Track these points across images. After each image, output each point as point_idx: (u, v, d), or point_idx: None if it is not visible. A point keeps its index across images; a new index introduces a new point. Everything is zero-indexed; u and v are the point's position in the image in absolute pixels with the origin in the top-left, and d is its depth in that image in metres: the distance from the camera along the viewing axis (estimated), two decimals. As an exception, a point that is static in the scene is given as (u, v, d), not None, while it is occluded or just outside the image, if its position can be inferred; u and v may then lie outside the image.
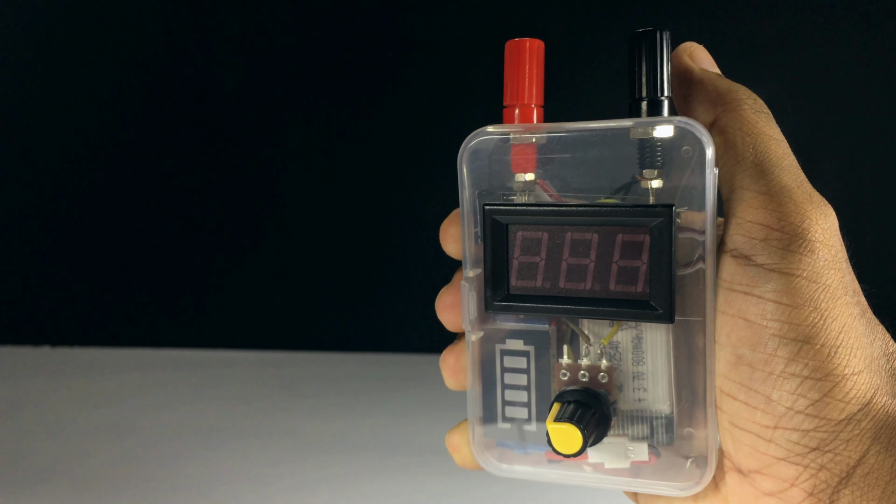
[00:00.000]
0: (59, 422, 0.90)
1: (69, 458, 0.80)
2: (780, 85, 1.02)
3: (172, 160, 1.21)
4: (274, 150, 1.19)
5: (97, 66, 1.21)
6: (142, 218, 1.22)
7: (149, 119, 1.21)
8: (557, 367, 0.31)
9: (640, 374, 0.30)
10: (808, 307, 0.26)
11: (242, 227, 1.21)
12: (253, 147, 1.20)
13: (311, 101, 1.17)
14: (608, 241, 0.28)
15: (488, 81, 0.38)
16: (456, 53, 1.13)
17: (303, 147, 1.19)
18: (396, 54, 1.16)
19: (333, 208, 1.19)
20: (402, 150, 1.16)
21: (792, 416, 0.26)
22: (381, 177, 1.17)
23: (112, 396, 0.99)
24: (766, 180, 0.27)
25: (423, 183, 1.13)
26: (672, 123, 0.28)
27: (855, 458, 0.26)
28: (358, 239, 1.19)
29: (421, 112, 1.14)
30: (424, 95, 1.14)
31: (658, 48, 0.28)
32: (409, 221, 1.16)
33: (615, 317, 0.28)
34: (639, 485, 0.30)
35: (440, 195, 0.65)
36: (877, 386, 0.26)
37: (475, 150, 0.31)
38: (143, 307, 1.24)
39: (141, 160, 1.22)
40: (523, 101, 0.31)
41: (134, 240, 1.23)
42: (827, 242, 0.27)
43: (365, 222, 1.18)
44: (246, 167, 1.20)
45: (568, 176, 0.31)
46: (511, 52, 0.31)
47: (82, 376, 1.10)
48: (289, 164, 1.20)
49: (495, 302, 0.30)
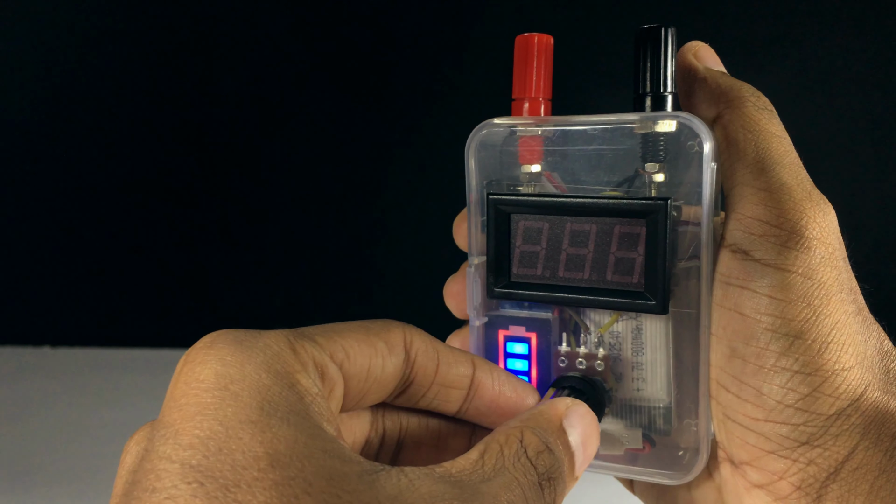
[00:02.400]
0: (59, 422, 0.91)
1: (69, 458, 0.80)
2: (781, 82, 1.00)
3: (172, 160, 1.22)
4: (274, 149, 1.19)
5: (97, 66, 1.21)
6: (142, 218, 1.23)
7: (149, 119, 1.21)
8: (556, 354, 0.31)
9: (640, 364, 0.31)
10: (801, 303, 0.26)
11: (242, 227, 1.21)
12: (253, 147, 1.20)
13: (311, 99, 1.17)
14: (606, 232, 0.29)
15: (499, 75, 0.39)
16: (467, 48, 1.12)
17: (304, 146, 1.19)
18: (409, 49, 1.15)
19: (334, 208, 1.19)
20: (403, 149, 1.15)
21: (782, 410, 0.26)
22: (380, 176, 1.16)
23: (112, 396, 0.99)
24: (766, 177, 0.28)
25: (424, 183, 1.13)
26: (673, 118, 0.29)
27: (844, 454, 0.26)
28: (358, 239, 1.18)
29: (430, 107, 1.14)
30: (435, 90, 1.14)
31: (663, 44, 0.29)
32: (409, 221, 1.15)
33: (611, 306, 0.29)
34: (632, 471, 0.31)
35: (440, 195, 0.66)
36: (868, 382, 0.27)
37: (483, 141, 0.32)
38: (143, 307, 1.24)
39: (141, 160, 1.22)
40: (531, 95, 0.31)
41: (134, 240, 1.23)
42: (824, 240, 0.27)
43: (365, 222, 1.18)
44: (246, 167, 1.20)
45: (574, 168, 0.31)
46: (521, 46, 0.31)
47: (82, 376, 1.10)
48: (289, 164, 1.19)
49: (497, 289, 0.31)
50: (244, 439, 0.18)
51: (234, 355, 0.20)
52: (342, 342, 0.23)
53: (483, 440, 0.23)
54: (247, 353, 0.20)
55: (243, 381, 0.19)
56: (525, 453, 0.23)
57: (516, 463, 0.22)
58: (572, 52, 1.02)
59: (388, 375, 0.24)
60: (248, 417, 0.19)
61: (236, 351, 0.20)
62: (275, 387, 0.20)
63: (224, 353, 0.20)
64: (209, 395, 0.19)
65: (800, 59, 1.02)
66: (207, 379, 0.20)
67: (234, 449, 0.18)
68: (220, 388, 0.19)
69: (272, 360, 0.20)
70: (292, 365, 0.21)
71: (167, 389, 0.21)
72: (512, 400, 0.27)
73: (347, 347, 0.23)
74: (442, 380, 0.26)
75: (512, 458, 0.22)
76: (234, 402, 0.19)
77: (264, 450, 0.18)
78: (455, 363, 0.26)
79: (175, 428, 0.19)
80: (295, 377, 0.20)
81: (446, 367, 0.26)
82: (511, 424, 0.24)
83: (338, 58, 1.16)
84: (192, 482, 0.17)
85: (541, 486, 0.22)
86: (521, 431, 0.23)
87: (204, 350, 0.21)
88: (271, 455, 0.18)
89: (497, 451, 0.22)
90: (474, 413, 0.27)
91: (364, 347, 0.23)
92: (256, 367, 0.20)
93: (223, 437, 0.18)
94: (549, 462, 0.23)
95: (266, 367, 0.20)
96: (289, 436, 0.18)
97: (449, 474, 0.21)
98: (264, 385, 0.20)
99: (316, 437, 0.19)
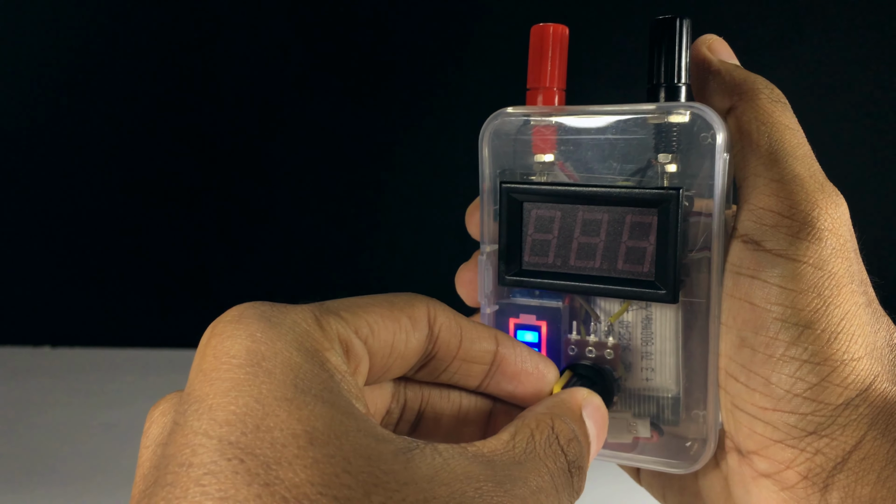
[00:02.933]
0: (59, 422, 0.90)
1: (70, 458, 0.80)
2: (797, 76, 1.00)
3: (172, 160, 1.21)
4: (275, 147, 1.19)
5: (96, 66, 1.21)
6: (142, 218, 1.22)
7: (149, 119, 1.21)
8: (566, 342, 0.32)
9: (649, 354, 0.31)
10: (812, 293, 0.27)
11: (243, 227, 1.21)
12: (253, 146, 1.19)
13: (316, 90, 1.17)
14: (618, 221, 0.29)
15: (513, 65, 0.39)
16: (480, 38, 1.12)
17: (304, 146, 1.18)
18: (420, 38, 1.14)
19: (334, 208, 1.18)
20: (403, 148, 1.15)
21: (790, 400, 0.27)
22: (390, 167, 1.16)
23: (112, 396, 0.99)
24: (778, 168, 0.28)
25: (435, 173, 1.12)
26: (687, 109, 0.29)
27: (851, 444, 0.26)
28: (358, 238, 1.18)
29: (443, 97, 1.13)
30: (448, 80, 1.13)
31: (678, 35, 0.29)
32: (409, 221, 1.15)
33: (621, 295, 0.29)
34: (639, 460, 0.31)
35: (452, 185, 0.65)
36: (877, 373, 0.27)
37: (497, 130, 0.32)
38: (143, 307, 1.23)
39: (141, 160, 1.22)
40: (545, 84, 0.32)
41: (134, 240, 1.23)
42: (835, 231, 0.27)
43: (365, 222, 1.18)
44: (246, 166, 1.20)
45: (587, 158, 0.32)
46: (536, 36, 0.32)
47: (82, 376, 1.09)
48: (289, 164, 1.19)
49: (508, 276, 0.31)
50: (281, 416, 0.18)
51: (263, 332, 0.20)
52: (366, 317, 0.23)
53: (513, 423, 0.23)
54: (276, 330, 0.20)
55: (275, 358, 0.19)
56: (557, 440, 0.23)
57: (547, 449, 0.22)
58: (587, 42, 1.02)
59: (411, 350, 0.24)
60: (283, 395, 0.19)
61: (266, 327, 0.20)
62: (306, 364, 0.20)
63: (253, 329, 0.20)
64: (242, 371, 0.19)
65: (809, 56, 1.01)
66: (239, 354, 0.20)
67: (272, 426, 0.18)
68: (252, 364, 0.19)
69: (302, 338, 0.20)
70: (321, 342, 0.21)
71: (193, 360, 0.21)
72: (533, 376, 0.27)
73: (372, 323, 0.23)
74: (465, 355, 0.26)
75: (543, 443, 0.22)
76: (269, 378, 0.19)
77: (302, 427, 0.18)
78: (478, 339, 0.26)
79: (209, 402, 0.19)
80: (324, 355, 0.20)
81: (469, 342, 0.26)
82: (539, 410, 0.24)
83: (343, 46, 1.16)
84: (231, 458, 0.17)
85: (570, 473, 0.23)
86: (551, 419, 0.24)
87: (233, 324, 0.21)
88: (310, 433, 0.18)
89: (528, 435, 0.22)
90: (495, 388, 0.27)
91: (388, 322, 0.23)
92: (287, 345, 0.20)
93: (260, 413, 0.18)
94: (578, 451, 0.23)
95: (297, 344, 0.20)
96: (325, 413, 0.19)
97: (481, 454, 0.21)
98: (296, 363, 0.20)
99: (350, 415, 0.19)
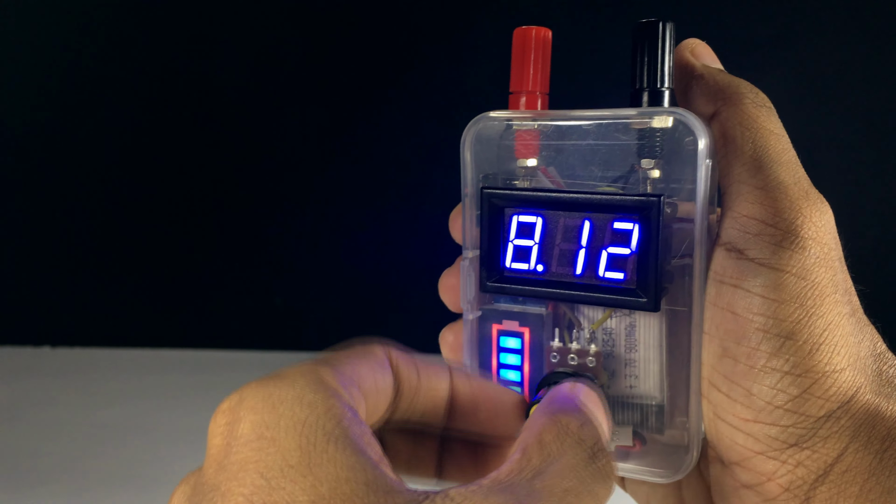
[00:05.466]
0: (59, 422, 0.90)
1: (69, 458, 0.80)
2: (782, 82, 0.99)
3: (172, 160, 1.21)
4: (273, 149, 1.19)
5: (97, 66, 1.21)
6: (142, 218, 1.22)
7: (149, 119, 1.21)
8: (548, 349, 0.31)
9: (632, 362, 0.31)
10: (794, 303, 0.26)
11: (242, 227, 1.21)
12: (252, 146, 1.19)
13: (309, 101, 1.16)
14: (599, 228, 0.29)
15: (497, 69, 0.38)
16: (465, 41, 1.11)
17: (302, 146, 1.18)
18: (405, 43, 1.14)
19: (334, 208, 1.18)
20: (404, 147, 1.15)
21: (771, 411, 0.26)
22: (380, 176, 1.16)
23: (112, 396, 0.99)
24: (762, 175, 0.27)
25: (423, 182, 1.12)
26: (670, 114, 0.28)
27: (833, 456, 0.26)
28: (358, 238, 1.18)
29: (427, 104, 1.13)
30: (432, 87, 1.12)
31: (661, 39, 0.29)
32: (408, 221, 1.15)
33: (602, 303, 0.29)
34: (623, 469, 0.31)
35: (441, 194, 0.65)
36: (859, 384, 0.26)
37: (480, 134, 0.32)
38: (143, 307, 1.24)
39: (141, 160, 1.22)
40: (528, 88, 0.31)
41: (134, 240, 1.23)
42: (820, 240, 0.27)
43: (365, 222, 1.17)
44: (245, 166, 1.20)
45: (570, 163, 0.31)
46: (518, 39, 0.31)
47: (82, 376, 1.10)
48: (288, 163, 1.19)
49: (489, 283, 0.31)
50: (287, 489, 0.18)
51: (265, 400, 0.20)
52: (351, 365, 0.23)
53: (516, 442, 0.23)
54: (277, 394, 0.20)
55: (278, 422, 0.19)
56: (568, 432, 0.22)
57: (563, 445, 0.22)
58: (570, 46, 1.01)
59: (386, 391, 0.24)
60: (287, 462, 0.19)
61: (266, 396, 0.20)
62: (311, 417, 0.20)
63: (255, 402, 0.20)
64: (247, 448, 0.19)
65: (799, 60, 1.00)
66: (245, 433, 0.20)
67: (279, 501, 0.18)
68: (257, 437, 0.19)
69: (302, 393, 0.20)
70: (323, 392, 0.20)
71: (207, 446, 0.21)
72: (492, 398, 0.27)
73: (357, 368, 0.23)
74: (424, 387, 0.26)
75: (556, 441, 0.22)
76: (273, 448, 0.19)
77: (310, 497, 0.18)
78: (433, 370, 0.26)
79: (221, 489, 0.19)
80: (329, 402, 0.20)
81: (426, 377, 0.26)
82: (536, 417, 0.23)
83: (332, 55, 1.16)
84: None
85: (594, 458, 0.22)
86: (552, 417, 0.23)
87: (236, 406, 0.20)
88: (317, 501, 0.18)
89: (537, 443, 0.22)
90: (460, 421, 0.27)
91: (364, 365, 0.23)
92: (289, 404, 0.20)
93: (266, 490, 0.18)
94: (593, 433, 0.23)
95: (299, 400, 0.20)
96: (330, 474, 0.19)
97: (498, 482, 0.20)
98: (300, 419, 0.20)
99: (357, 468, 0.19)
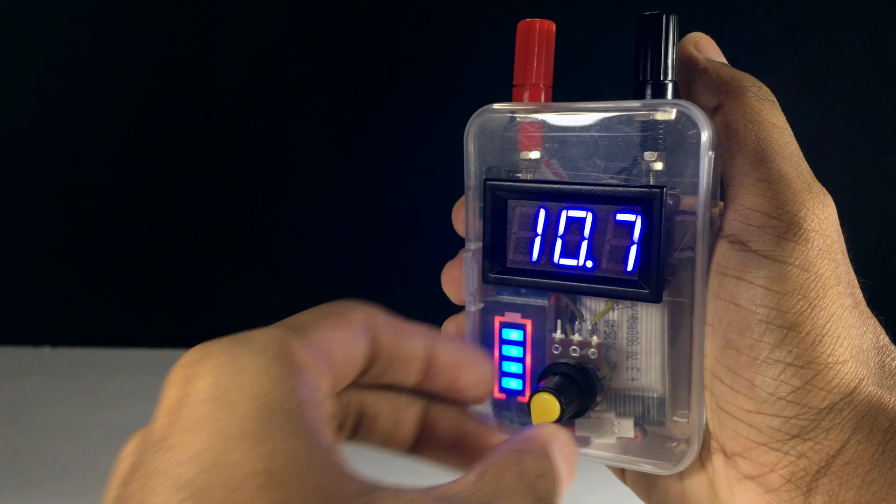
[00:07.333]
0: (59, 422, 0.90)
1: (70, 458, 0.80)
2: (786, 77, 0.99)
3: (173, 160, 1.21)
4: (273, 148, 1.19)
5: (97, 66, 1.21)
6: (142, 218, 1.23)
7: (149, 119, 1.21)
8: (550, 341, 0.31)
9: (634, 354, 0.31)
10: (797, 295, 0.26)
11: (242, 227, 1.21)
12: (252, 145, 1.19)
13: (310, 98, 1.16)
14: (602, 220, 0.29)
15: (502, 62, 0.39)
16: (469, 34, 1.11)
17: (302, 146, 1.18)
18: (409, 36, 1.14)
19: (334, 207, 1.18)
20: (403, 147, 1.15)
21: (774, 402, 0.26)
22: (382, 169, 1.16)
23: (112, 396, 0.98)
24: (765, 168, 0.28)
25: (423, 169, 1.12)
26: (673, 107, 0.28)
27: (835, 447, 0.26)
28: (358, 238, 1.18)
29: (430, 97, 1.13)
30: (435, 80, 1.12)
31: (664, 32, 0.29)
32: (409, 221, 1.15)
33: (605, 294, 0.29)
34: (623, 461, 0.31)
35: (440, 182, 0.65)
36: (862, 376, 0.26)
37: (483, 127, 0.32)
38: (144, 307, 1.24)
39: (141, 160, 1.22)
40: (532, 81, 0.31)
41: (134, 240, 1.23)
42: (822, 232, 0.27)
43: (364, 221, 1.17)
44: (245, 165, 1.20)
45: (573, 155, 0.31)
46: (522, 32, 0.31)
47: (82, 376, 1.10)
48: (288, 163, 1.19)
49: (492, 274, 0.31)
50: (240, 452, 0.18)
51: (231, 363, 0.20)
52: (323, 332, 0.23)
53: (479, 463, 0.23)
54: (242, 360, 0.20)
55: (240, 388, 0.19)
56: (526, 477, 0.22)
57: (516, 487, 0.22)
58: (574, 38, 1.01)
59: (359, 357, 0.24)
60: (245, 428, 0.18)
61: (231, 359, 0.20)
62: (274, 391, 0.19)
63: (220, 362, 0.20)
64: (204, 406, 0.19)
65: (802, 54, 1.00)
66: (202, 390, 0.19)
67: (229, 463, 0.18)
68: (215, 398, 0.19)
69: (270, 364, 0.20)
70: (290, 367, 0.20)
71: (160, 401, 0.20)
72: (468, 365, 0.27)
73: (329, 336, 0.23)
74: (403, 352, 0.25)
75: (512, 481, 0.22)
76: (231, 411, 0.19)
77: (262, 465, 0.18)
78: (414, 335, 0.26)
79: (169, 441, 0.19)
80: (293, 380, 0.20)
81: (406, 339, 0.26)
82: (506, 448, 0.24)
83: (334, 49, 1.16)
84: (185, 499, 0.17)
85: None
86: (519, 456, 0.23)
87: (197, 362, 0.20)
88: (269, 471, 0.18)
89: (495, 474, 0.22)
90: (433, 383, 0.27)
91: (339, 333, 0.23)
92: (254, 373, 0.19)
93: (218, 450, 0.18)
94: (547, 487, 0.23)
95: (265, 371, 0.20)
96: (286, 449, 0.18)
97: (448, 496, 0.20)
98: (263, 390, 0.19)
99: (313, 448, 0.19)
